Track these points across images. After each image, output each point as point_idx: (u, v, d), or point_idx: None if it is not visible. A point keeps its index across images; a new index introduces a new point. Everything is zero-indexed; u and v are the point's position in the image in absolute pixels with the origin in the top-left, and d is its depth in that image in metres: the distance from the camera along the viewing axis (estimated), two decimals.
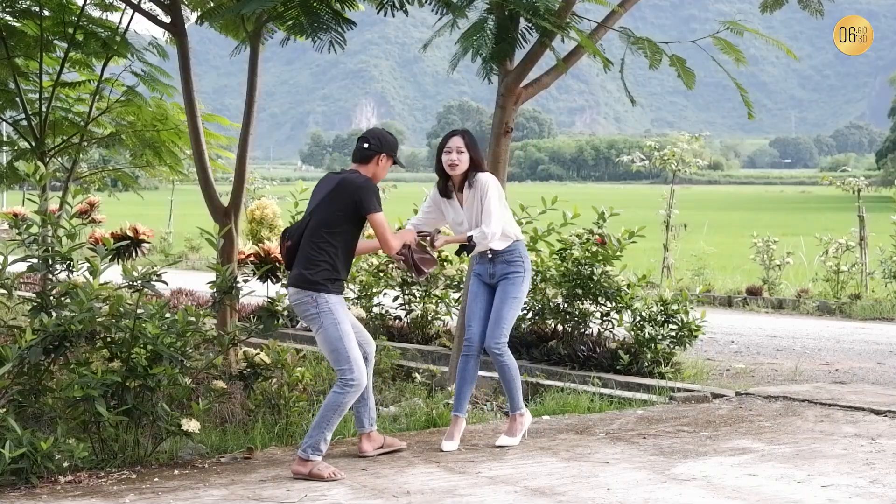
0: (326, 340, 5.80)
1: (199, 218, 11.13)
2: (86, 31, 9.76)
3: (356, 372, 5.77)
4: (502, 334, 6.46)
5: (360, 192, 5.81)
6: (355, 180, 5.87)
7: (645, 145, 18.96)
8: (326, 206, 5.84)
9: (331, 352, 5.80)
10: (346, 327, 5.82)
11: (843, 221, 22.32)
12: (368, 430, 6.13)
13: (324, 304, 5.77)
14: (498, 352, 6.45)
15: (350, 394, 5.77)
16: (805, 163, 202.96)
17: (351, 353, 5.77)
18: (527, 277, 6.55)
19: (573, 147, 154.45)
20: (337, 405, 5.76)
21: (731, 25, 7.85)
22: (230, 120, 10.89)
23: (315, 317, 5.80)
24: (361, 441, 6.13)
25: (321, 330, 5.80)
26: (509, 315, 6.49)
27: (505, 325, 6.47)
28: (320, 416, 5.77)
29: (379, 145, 6.00)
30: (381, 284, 10.46)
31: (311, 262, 5.82)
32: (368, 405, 6.11)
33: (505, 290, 6.49)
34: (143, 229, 9.93)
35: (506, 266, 6.51)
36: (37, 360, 5.78)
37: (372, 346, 6.16)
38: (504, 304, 6.47)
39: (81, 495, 5.25)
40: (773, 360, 10.42)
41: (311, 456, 5.68)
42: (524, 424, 6.58)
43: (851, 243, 16.10)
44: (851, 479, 5.62)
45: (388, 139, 6.08)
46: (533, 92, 7.95)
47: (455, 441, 6.42)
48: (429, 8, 7.66)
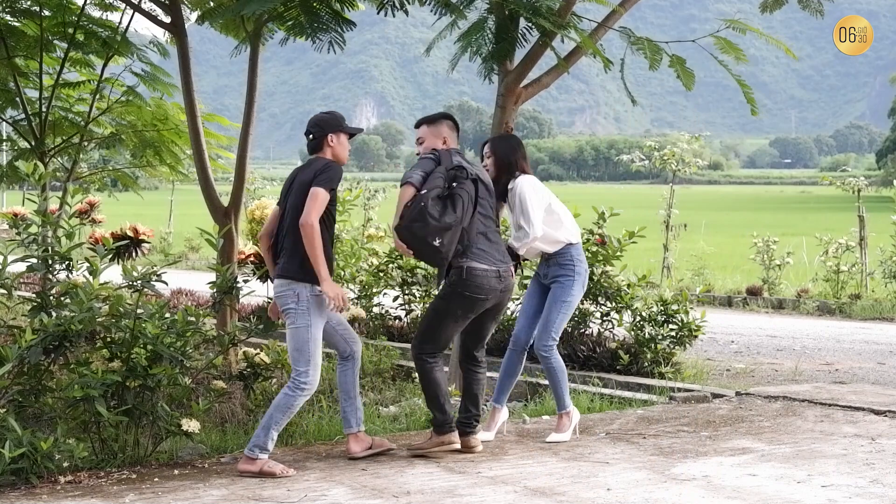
0: (295, 338, 5.81)
1: (199, 218, 11.13)
2: (86, 31, 9.75)
3: (311, 376, 5.81)
4: (549, 337, 6.58)
5: (321, 171, 5.83)
6: (317, 162, 5.93)
7: (645, 145, 18.97)
8: (295, 197, 5.87)
9: (295, 350, 5.82)
10: (317, 333, 5.84)
11: (843, 221, 22.30)
12: (356, 430, 6.09)
13: (304, 302, 5.79)
14: (545, 354, 6.59)
15: (301, 396, 5.80)
16: (805, 163, 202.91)
17: (313, 357, 5.81)
18: (578, 281, 6.61)
19: (573, 147, 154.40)
20: (287, 406, 5.79)
21: (731, 24, 7.85)
22: (230, 120, 10.89)
23: (292, 312, 5.81)
24: (349, 442, 6.09)
25: (293, 327, 5.81)
26: (557, 319, 6.59)
27: (552, 328, 6.58)
28: (268, 415, 5.79)
29: (320, 130, 6.01)
30: (381, 284, 10.46)
31: (290, 254, 5.85)
32: (356, 405, 6.09)
33: (555, 293, 6.60)
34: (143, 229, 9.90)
35: (557, 269, 6.61)
36: (37, 360, 5.77)
37: (359, 345, 6.16)
38: (552, 308, 6.59)
39: (81, 495, 5.25)
40: (773, 360, 10.42)
41: (258, 455, 5.71)
42: (572, 421, 6.66)
43: (851, 243, 16.10)
44: (851, 479, 5.61)
45: (326, 118, 6.09)
46: (533, 92, 7.94)
47: (492, 432, 6.57)
48: (429, 8, 7.65)
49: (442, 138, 6.32)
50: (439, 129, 6.35)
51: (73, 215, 6.21)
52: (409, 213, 5.96)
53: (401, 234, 6.02)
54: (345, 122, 6.12)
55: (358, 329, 10.20)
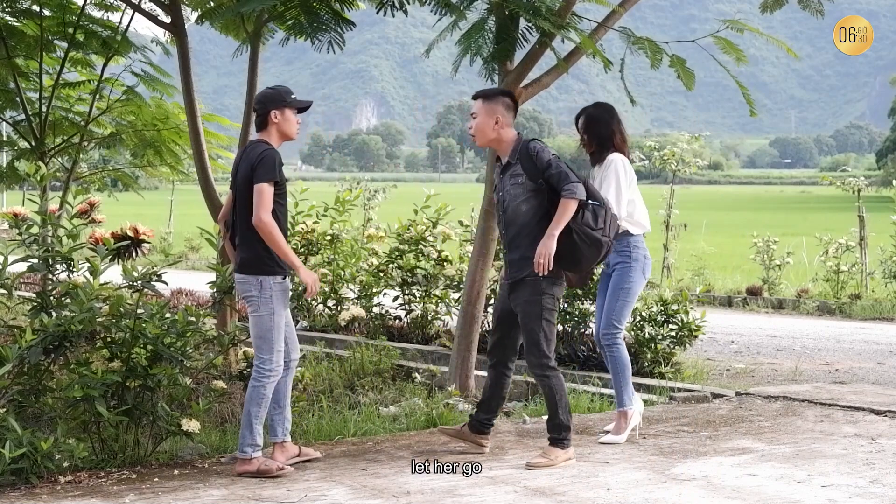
0: (257, 326, 5.79)
1: (199, 218, 11.12)
2: (86, 31, 9.75)
3: (275, 362, 5.79)
4: (611, 325, 6.55)
5: (257, 164, 5.74)
6: (253, 151, 5.82)
7: (645, 145, 18.94)
8: (241, 192, 5.83)
9: (258, 338, 5.80)
10: (280, 321, 5.80)
11: (843, 221, 22.29)
12: (282, 439, 5.98)
13: (267, 291, 5.76)
14: (607, 343, 6.57)
15: (268, 382, 5.78)
16: (805, 163, 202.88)
17: (276, 344, 5.79)
18: (636, 268, 6.54)
19: (573, 147, 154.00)
20: (259, 397, 5.77)
21: (731, 24, 7.85)
22: (230, 120, 10.89)
23: (255, 300, 5.78)
24: (274, 451, 5.95)
25: (256, 315, 5.78)
26: (616, 306, 6.54)
27: (613, 316, 6.54)
28: (245, 413, 5.77)
29: (264, 105, 5.91)
30: (381, 284, 10.46)
31: (247, 244, 5.79)
32: (284, 414, 6.00)
33: (614, 281, 6.55)
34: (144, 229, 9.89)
35: (616, 256, 6.55)
36: (37, 360, 5.77)
37: (297, 355, 6.07)
38: (612, 296, 6.56)
39: (81, 495, 5.25)
40: (773, 360, 10.42)
41: (251, 454, 5.70)
42: (630, 422, 6.57)
43: (851, 243, 16.09)
44: (851, 479, 5.61)
45: (269, 94, 5.96)
46: (533, 92, 7.95)
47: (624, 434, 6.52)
48: (429, 8, 7.65)
49: (495, 117, 6.05)
50: (494, 107, 6.07)
51: (74, 216, 6.22)
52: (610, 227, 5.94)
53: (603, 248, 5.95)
54: (290, 96, 5.96)
55: (358, 329, 10.21)
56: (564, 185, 5.83)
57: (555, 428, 5.98)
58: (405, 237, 10.54)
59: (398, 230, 10.68)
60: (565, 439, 5.97)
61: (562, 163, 5.91)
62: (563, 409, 5.98)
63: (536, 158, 5.92)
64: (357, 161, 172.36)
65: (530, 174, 5.94)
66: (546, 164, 5.90)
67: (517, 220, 5.99)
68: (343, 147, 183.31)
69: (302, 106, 5.99)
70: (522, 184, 5.96)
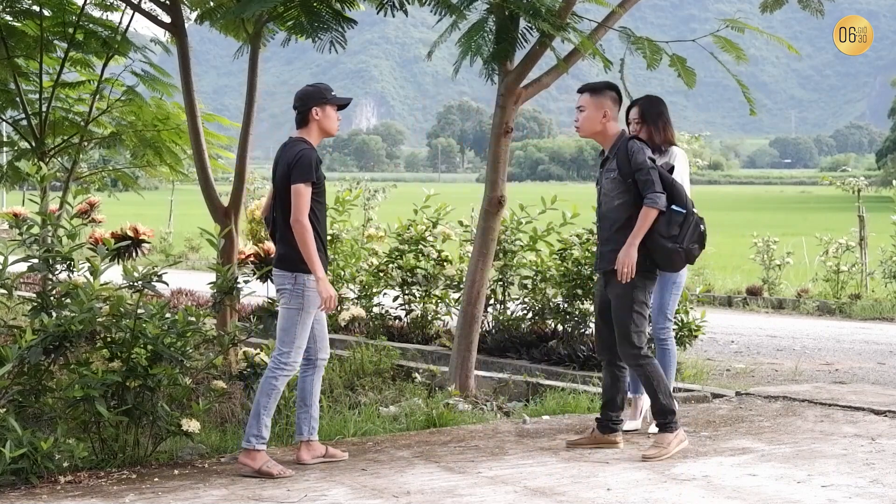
0: (285, 318, 5.82)
1: (199, 218, 11.11)
2: (86, 31, 9.74)
3: (293, 357, 5.81)
4: (665, 318, 6.69)
5: (294, 164, 5.80)
6: (290, 151, 5.88)
7: None
8: (280, 182, 5.88)
9: (282, 329, 5.83)
10: (308, 318, 5.82)
11: (843, 221, 22.29)
12: (307, 438, 6.02)
13: (300, 287, 5.79)
14: (661, 336, 6.74)
15: (282, 375, 5.80)
16: (805, 163, 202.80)
17: (298, 339, 5.81)
18: None
19: (573, 147, 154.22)
20: (271, 388, 5.79)
21: (731, 23, 7.84)
22: (230, 120, 10.89)
23: (287, 293, 5.81)
24: (300, 449, 5.99)
25: (286, 306, 5.82)
26: (668, 300, 6.66)
27: (667, 309, 6.67)
28: (256, 403, 5.79)
29: (304, 104, 5.95)
30: (381, 284, 10.45)
31: (286, 240, 5.84)
32: (311, 413, 6.03)
33: (664, 275, 6.56)
34: (144, 229, 9.90)
35: None
36: (37, 360, 5.77)
37: (326, 354, 6.10)
38: (663, 290, 6.64)
39: (81, 495, 5.25)
40: (773, 360, 10.42)
41: (256, 445, 5.70)
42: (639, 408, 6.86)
43: (851, 243, 16.09)
44: (851, 479, 5.62)
45: (310, 91, 6.00)
46: (533, 92, 7.95)
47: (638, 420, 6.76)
48: (429, 8, 7.65)
49: (603, 111, 6.16)
50: (602, 101, 6.17)
51: (74, 216, 6.22)
52: (688, 233, 6.00)
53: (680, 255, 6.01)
54: (330, 92, 6.01)
55: (358, 329, 10.21)
56: (648, 192, 5.97)
57: (659, 413, 6.11)
58: (405, 237, 10.54)
59: (398, 230, 10.68)
60: (672, 423, 6.08)
61: (654, 170, 5.99)
62: (664, 394, 6.09)
63: (632, 158, 6.04)
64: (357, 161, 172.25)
65: (623, 171, 6.07)
66: (638, 166, 6.02)
67: (610, 215, 6.15)
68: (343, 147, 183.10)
69: (342, 102, 6.05)
70: (615, 179, 6.10)
